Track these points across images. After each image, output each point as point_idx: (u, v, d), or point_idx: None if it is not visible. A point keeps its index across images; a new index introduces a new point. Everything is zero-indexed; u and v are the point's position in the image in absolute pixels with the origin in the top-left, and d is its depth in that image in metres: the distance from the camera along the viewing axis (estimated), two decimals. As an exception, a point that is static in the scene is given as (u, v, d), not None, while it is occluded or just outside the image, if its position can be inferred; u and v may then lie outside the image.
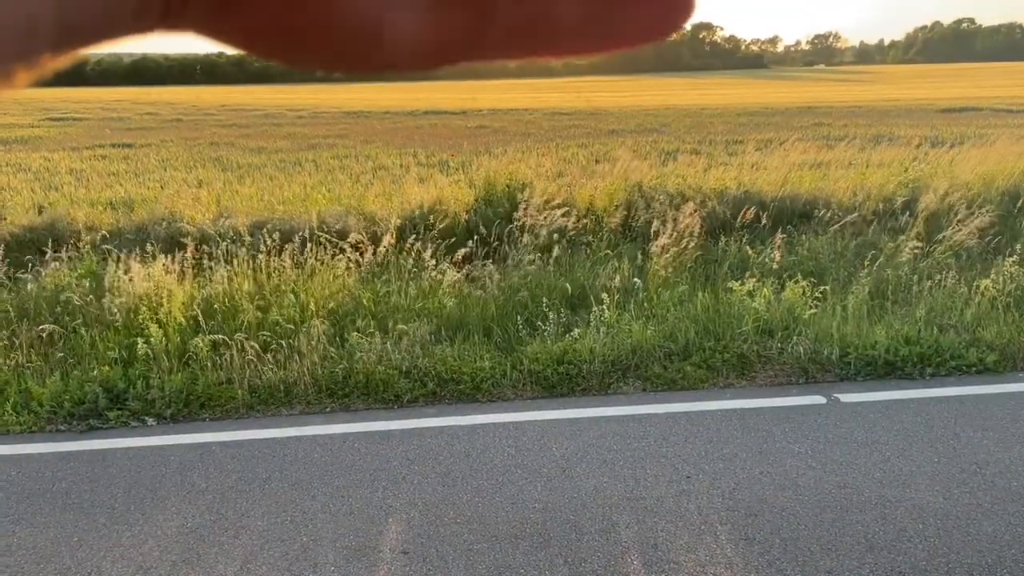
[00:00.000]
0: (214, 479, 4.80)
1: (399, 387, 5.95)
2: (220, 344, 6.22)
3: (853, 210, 9.42)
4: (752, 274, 7.42)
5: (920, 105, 29.42)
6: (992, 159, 11.68)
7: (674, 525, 4.21)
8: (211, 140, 20.12)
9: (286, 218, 9.07)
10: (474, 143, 17.46)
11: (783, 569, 3.85)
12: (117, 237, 8.81)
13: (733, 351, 6.40)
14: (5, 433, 5.47)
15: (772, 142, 16.57)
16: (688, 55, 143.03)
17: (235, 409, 5.76)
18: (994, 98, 31.61)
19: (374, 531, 4.22)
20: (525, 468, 4.84)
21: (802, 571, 3.83)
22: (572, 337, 6.52)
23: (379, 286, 7.29)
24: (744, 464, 4.84)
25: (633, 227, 9.16)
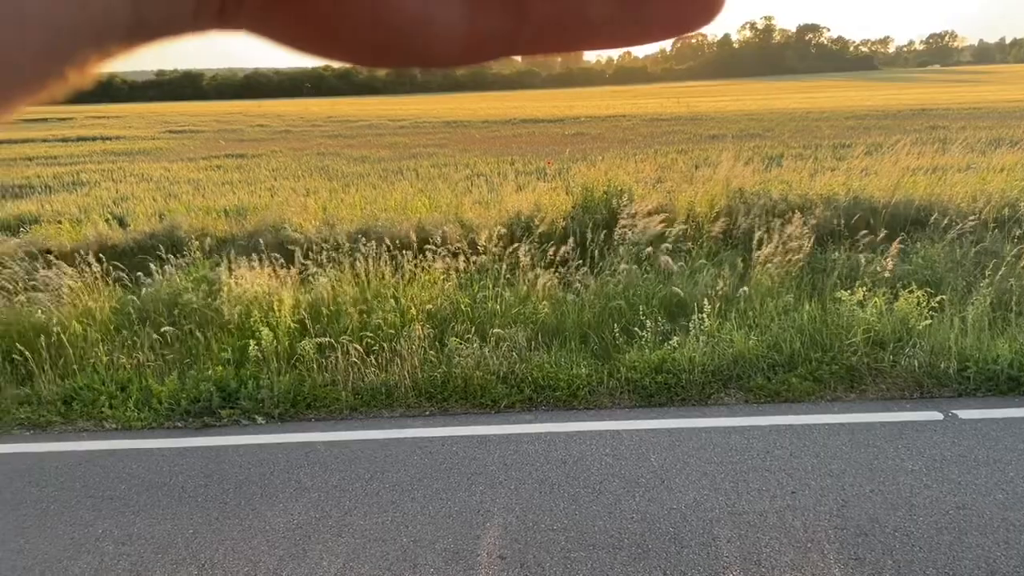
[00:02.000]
0: (319, 478, 4.96)
1: (496, 392, 5.99)
2: (325, 347, 6.42)
3: (972, 216, 8.91)
4: (862, 283, 7.12)
5: (1048, 105, 27.57)
6: None
7: (778, 541, 4.07)
8: (318, 150, 20.86)
9: (388, 225, 9.30)
10: (571, 150, 17.47)
11: (896, 593, 3.66)
12: (230, 243, 9.25)
13: (842, 363, 6.15)
14: (127, 428, 5.81)
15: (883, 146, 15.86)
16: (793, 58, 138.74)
17: (339, 410, 5.94)
18: None
19: (472, 535, 4.26)
20: (623, 477, 4.78)
21: (917, 596, 3.64)
22: (671, 346, 6.41)
23: (476, 291, 7.37)
24: (854, 481, 4.64)
25: (734, 234, 8.95)
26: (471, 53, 0.32)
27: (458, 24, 0.31)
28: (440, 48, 0.31)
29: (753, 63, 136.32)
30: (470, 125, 29.36)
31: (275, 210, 10.45)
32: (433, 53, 0.31)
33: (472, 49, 0.32)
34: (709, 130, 23.03)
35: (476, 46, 0.32)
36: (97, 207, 11.75)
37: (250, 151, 20.84)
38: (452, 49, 0.31)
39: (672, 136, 21.73)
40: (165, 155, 20.74)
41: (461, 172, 14.89)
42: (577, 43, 0.33)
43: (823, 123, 24.13)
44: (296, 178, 14.96)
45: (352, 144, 22.55)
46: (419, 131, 27.43)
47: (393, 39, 0.31)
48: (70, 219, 10.28)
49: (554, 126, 27.80)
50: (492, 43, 0.32)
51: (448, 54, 0.32)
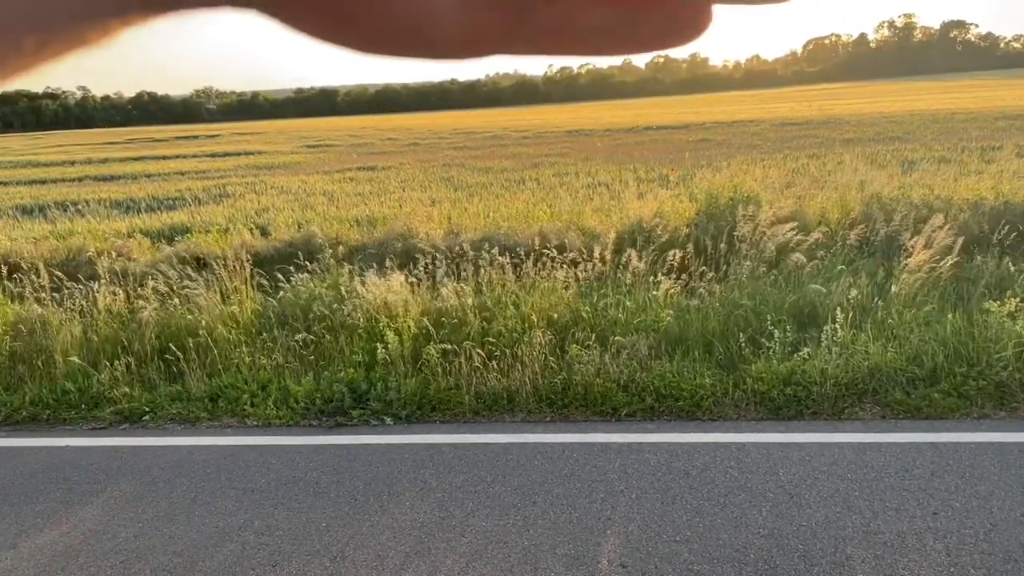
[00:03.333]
0: (443, 478, 5.09)
1: (617, 400, 5.96)
2: (449, 352, 6.59)
3: None
4: (1014, 294, 6.62)
5: None
6: None
7: (918, 564, 3.85)
8: (444, 162, 21.43)
9: (510, 233, 9.44)
10: (696, 157, 17.16)
11: (1053, 627, 3.38)
12: (361, 251, 9.65)
13: (990, 378, 5.74)
14: (267, 425, 6.16)
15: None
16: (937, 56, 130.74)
17: (463, 413, 6.07)
18: None
19: (592, 542, 4.25)
20: (749, 491, 4.65)
21: (1078, 632, 3.35)
22: (801, 357, 6.18)
23: (597, 299, 7.36)
24: (1003, 504, 4.32)
25: (872, 241, 8.52)
26: (469, 47, 0.34)
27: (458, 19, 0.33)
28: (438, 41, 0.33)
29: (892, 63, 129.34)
30: (592, 134, 29.37)
31: (403, 219, 10.81)
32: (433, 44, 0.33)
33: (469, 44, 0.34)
34: (843, 134, 22.06)
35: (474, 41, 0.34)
36: (241, 217, 12.54)
37: (380, 163, 21.67)
38: (450, 43, 0.33)
39: (802, 140, 20.96)
40: (302, 168, 21.88)
41: (582, 180, 14.92)
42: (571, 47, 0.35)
43: (969, 124, 22.60)
44: (423, 189, 15.43)
45: (476, 155, 23.03)
46: (542, 141, 27.67)
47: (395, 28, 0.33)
48: (217, 228, 11.02)
49: (678, 133, 27.39)
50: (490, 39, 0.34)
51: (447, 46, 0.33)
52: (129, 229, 11.98)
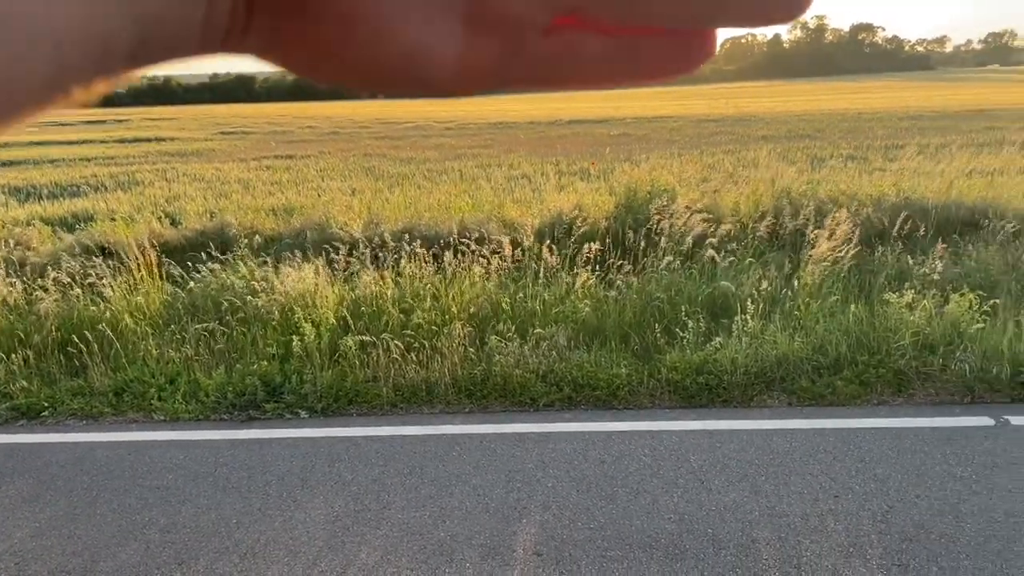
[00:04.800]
0: (359, 471, 5.02)
1: (536, 391, 6.00)
2: (368, 344, 6.50)
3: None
4: (912, 286, 6.95)
5: (1113, 104, 26.59)
6: None
7: (819, 545, 4.00)
8: (365, 152, 21.12)
9: (431, 224, 9.38)
10: (616, 151, 17.41)
11: (941, 600, 3.57)
12: (278, 242, 9.43)
13: (889, 366, 6.02)
14: (175, 420, 5.95)
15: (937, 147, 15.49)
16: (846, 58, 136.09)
17: (380, 406, 6.00)
18: None
19: (508, 531, 4.27)
20: (661, 478, 4.75)
21: (963, 604, 3.55)
22: (713, 346, 6.34)
23: (517, 290, 7.39)
24: (899, 486, 4.54)
25: (780, 235, 8.82)
26: (464, 82, 0.33)
27: (454, 55, 0.32)
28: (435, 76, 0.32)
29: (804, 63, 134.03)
30: (516, 126, 29.43)
31: (321, 209, 10.61)
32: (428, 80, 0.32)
33: (465, 78, 0.33)
34: (757, 131, 22.73)
35: (469, 76, 0.33)
36: (150, 206, 12.08)
37: (299, 152, 21.20)
38: (446, 77, 0.32)
39: (719, 137, 21.50)
40: (217, 156, 21.21)
41: (504, 172, 14.94)
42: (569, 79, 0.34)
43: (875, 124, 23.63)
44: (343, 178, 15.17)
45: (399, 145, 22.79)
46: (465, 133, 27.58)
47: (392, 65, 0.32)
48: (123, 217, 10.58)
49: (599, 127, 27.71)
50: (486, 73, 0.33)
51: (442, 82, 0.32)
52: (28, 217, 11.38)
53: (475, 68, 0.33)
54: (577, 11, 0.32)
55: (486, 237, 8.38)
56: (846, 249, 7.62)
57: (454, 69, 0.32)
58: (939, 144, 16.01)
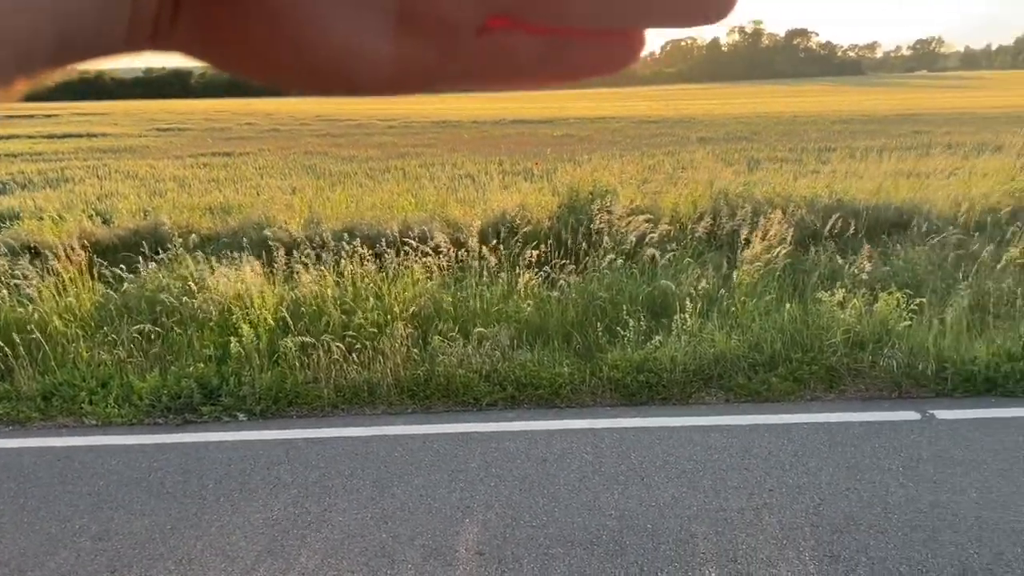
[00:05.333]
0: (299, 474, 4.96)
1: (479, 390, 6.01)
2: (308, 345, 6.42)
3: (954, 220, 9.00)
4: (843, 284, 7.18)
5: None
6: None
7: (754, 539, 4.11)
8: (305, 149, 20.80)
9: (373, 224, 9.30)
10: (559, 151, 17.52)
11: (869, 589, 3.70)
12: (214, 241, 9.23)
13: (822, 363, 6.20)
14: (107, 424, 5.78)
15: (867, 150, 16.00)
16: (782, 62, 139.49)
17: (321, 407, 5.94)
18: (1115, 103, 29.67)
19: (451, 531, 4.27)
20: (602, 475, 4.81)
21: (890, 592, 3.68)
22: (653, 345, 6.44)
23: (460, 290, 7.38)
24: (831, 479, 4.68)
25: (718, 235, 9.00)
26: (398, 84, 0.33)
27: (386, 56, 0.32)
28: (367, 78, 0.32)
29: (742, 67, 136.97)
30: (459, 125, 29.36)
31: (260, 208, 10.42)
32: (360, 81, 0.32)
33: (398, 79, 0.33)
34: (697, 133, 23.13)
35: (402, 77, 0.33)
36: (81, 204, 11.68)
37: (237, 149, 20.77)
38: (379, 79, 0.32)
39: (660, 138, 21.81)
40: (151, 152, 20.63)
41: (448, 171, 14.90)
42: (502, 79, 0.34)
43: (809, 127, 24.27)
44: (282, 176, 14.92)
45: (340, 143, 22.51)
46: (408, 131, 27.40)
47: (322, 65, 0.32)
48: (51, 216, 10.22)
49: (543, 127, 27.84)
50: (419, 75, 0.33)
51: (375, 83, 0.32)
52: (-52, 215, 10.90)
53: (408, 69, 0.33)
54: (508, 12, 0.32)
55: (429, 236, 8.35)
56: (780, 249, 7.83)
57: (386, 70, 0.32)
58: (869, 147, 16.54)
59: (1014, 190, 10.03)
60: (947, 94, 49.96)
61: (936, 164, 13.02)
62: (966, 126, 22.81)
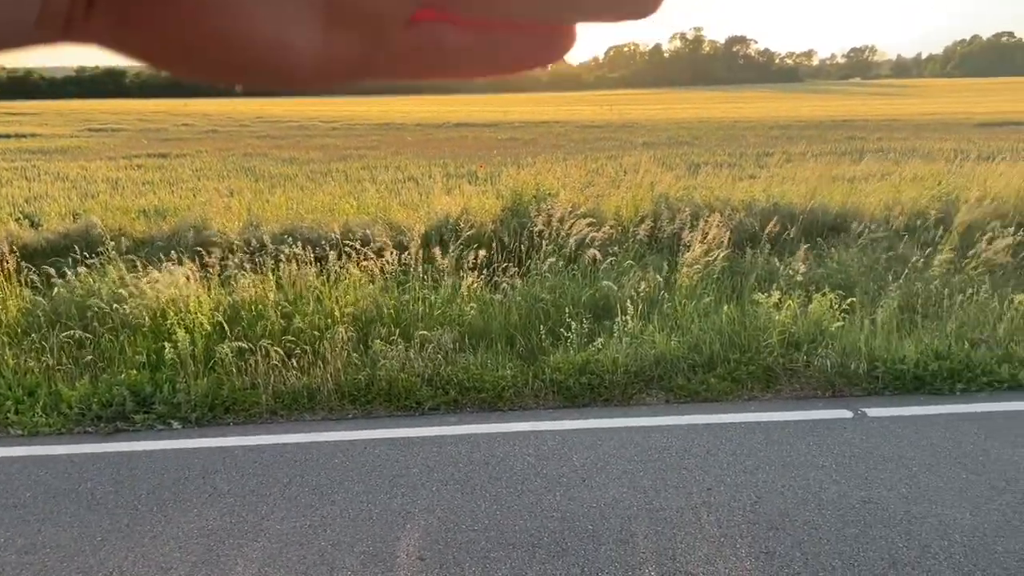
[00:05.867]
0: (236, 483, 4.85)
1: (421, 395, 5.96)
2: (246, 350, 6.29)
3: (885, 224, 9.29)
4: (779, 286, 7.34)
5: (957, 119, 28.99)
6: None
7: (693, 537, 4.16)
8: (245, 151, 20.43)
9: (314, 227, 9.17)
10: (503, 154, 17.56)
11: (804, 584, 3.78)
12: (149, 244, 8.98)
13: (759, 363, 6.33)
14: (35, 434, 5.57)
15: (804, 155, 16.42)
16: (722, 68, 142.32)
17: (259, 414, 5.82)
18: (1034, 112, 31.03)
19: (391, 537, 4.22)
20: (544, 477, 4.82)
21: (823, 586, 3.76)
22: (595, 347, 6.49)
23: (402, 293, 7.33)
24: (767, 477, 4.77)
25: (659, 238, 9.12)
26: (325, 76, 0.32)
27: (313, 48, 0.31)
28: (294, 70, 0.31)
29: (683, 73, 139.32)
30: (403, 128, 29.21)
31: (196, 211, 10.18)
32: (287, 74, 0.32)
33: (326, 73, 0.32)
34: (640, 137, 23.43)
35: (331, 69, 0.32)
36: (8, 206, 11.25)
37: (173, 151, 20.28)
38: (306, 71, 0.32)
39: (603, 142, 22.04)
40: (83, 153, 20.00)
41: (391, 174, 14.80)
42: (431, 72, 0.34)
43: (748, 132, 24.82)
44: (220, 178, 14.61)
45: (281, 145, 22.17)
46: (351, 133, 27.14)
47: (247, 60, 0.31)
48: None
49: (488, 130, 27.88)
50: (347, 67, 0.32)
51: (302, 76, 0.32)
52: None
53: (335, 62, 0.32)
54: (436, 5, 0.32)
55: (371, 240, 8.27)
56: (719, 252, 7.97)
57: (313, 63, 0.31)
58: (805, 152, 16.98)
59: (941, 195, 10.40)
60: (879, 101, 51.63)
61: (869, 169, 13.43)
62: (897, 132, 23.62)
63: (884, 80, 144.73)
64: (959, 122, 27.39)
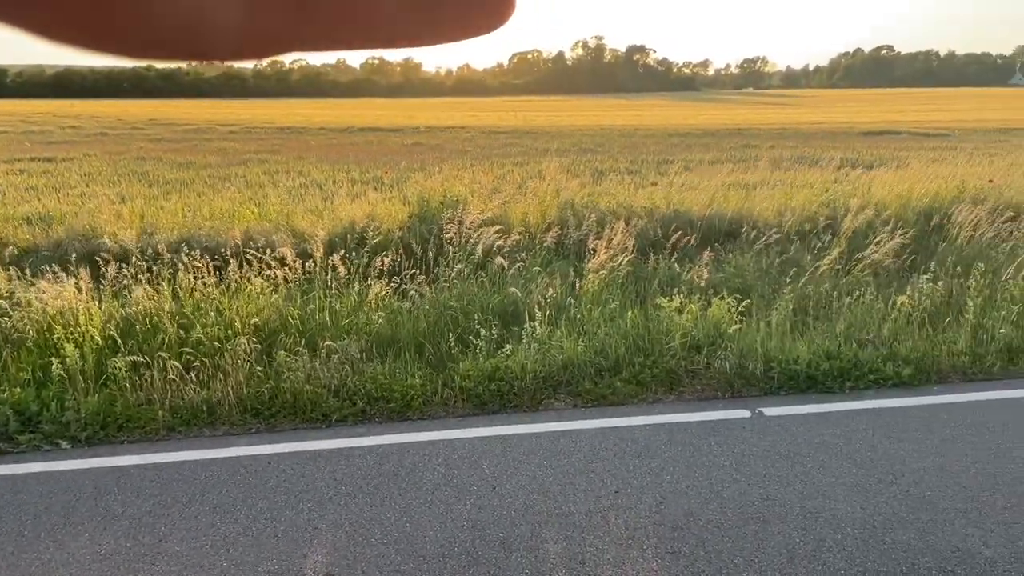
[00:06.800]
0: (131, 504, 4.63)
1: (328, 406, 5.85)
2: (140, 364, 6.02)
3: (778, 229, 9.70)
4: (680, 291, 7.56)
5: (843, 128, 30.59)
6: (908, 180, 12.22)
7: (601, 540, 4.23)
8: (137, 155, 19.58)
9: (212, 234, 8.87)
10: (410, 160, 17.44)
11: (707, 581, 3.90)
12: (34, 253, 8.49)
13: (662, 366, 6.49)
14: (-96, 460, 5.17)
15: (702, 163, 16.99)
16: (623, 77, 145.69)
17: (155, 431, 5.57)
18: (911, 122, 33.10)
19: (298, 554, 4.12)
20: (454, 486, 4.80)
21: (726, 582, 3.89)
22: (504, 353, 6.52)
23: (307, 302, 7.17)
24: (671, 478, 4.90)
25: (566, 244, 9.25)
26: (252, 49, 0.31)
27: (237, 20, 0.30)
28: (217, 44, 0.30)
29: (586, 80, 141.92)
30: (306, 132, 28.62)
31: (86, 218, 9.69)
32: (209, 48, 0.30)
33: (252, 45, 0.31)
34: (545, 144, 23.69)
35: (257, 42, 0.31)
36: None
37: (60, 154, 19.23)
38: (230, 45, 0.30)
39: (509, 149, 22.19)
40: (-42, 157, 18.72)
41: (294, 180, 14.46)
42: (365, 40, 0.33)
43: (649, 140, 25.48)
44: (111, 184, 13.96)
45: (177, 149, 21.36)
46: (251, 137, 26.40)
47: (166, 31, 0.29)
48: None
49: (393, 135, 27.64)
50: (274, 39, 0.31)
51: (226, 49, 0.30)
52: None
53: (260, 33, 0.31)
54: None
55: (273, 248, 8.06)
56: (623, 258, 8.15)
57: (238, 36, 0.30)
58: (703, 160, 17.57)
59: (829, 201, 10.95)
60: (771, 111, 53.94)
61: (762, 176, 14.01)
62: (788, 140, 24.72)
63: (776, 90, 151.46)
64: (844, 131, 28.92)
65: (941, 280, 7.98)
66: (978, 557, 4.08)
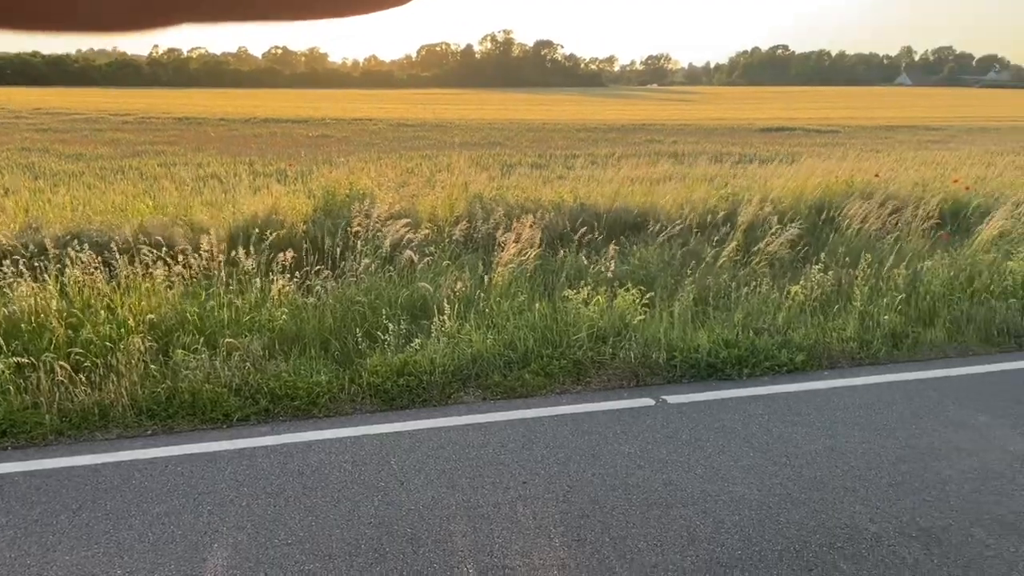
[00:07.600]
0: (16, 513, 4.37)
1: (228, 405, 5.67)
2: (25, 366, 5.69)
3: (679, 222, 9.97)
4: (587, 283, 7.67)
5: (741, 124, 31.68)
6: (802, 175, 12.76)
7: (509, 531, 4.26)
8: (22, 145, 18.49)
9: (103, 229, 8.46)
10: (315, 152, 17.11)
11: (612, 567, 3.98)
12: (-98, 250, 7.89)
13: (569, 358, 6.58)
14: None
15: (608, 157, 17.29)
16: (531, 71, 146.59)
17: (42, 435, 5.28)
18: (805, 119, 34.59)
19: (197, 558, 3.98)
20: (362, 483, 4.74)
21: (630, 568, 3.98)
22: (413, 348, 6.47)
23: (205, 299, 6.93)
24: (578, 467, 4.98)
25: (475, 238, 9.25)
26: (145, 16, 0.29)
27: None
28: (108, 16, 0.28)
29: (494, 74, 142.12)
30: (205, 123, 27.63)
31: (-38, 211, 9.08)
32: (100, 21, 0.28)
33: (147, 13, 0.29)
34: (453, 137, 23.64)
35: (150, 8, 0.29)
36: None
37: (-67, 143, 17.96)
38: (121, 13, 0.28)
39: (417, 142, 22.03)
40: None
41: (192, 172, 13.95)
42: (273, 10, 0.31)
43: (556, 134, 25.76)
44: (-8, 175, 13.13)
45: (65, 139, 20.27)
46: (146, 127, 25.31)
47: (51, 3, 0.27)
48: None
49: (297, 127, 27.01)
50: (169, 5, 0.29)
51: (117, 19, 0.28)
52: None
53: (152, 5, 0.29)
54: None
55: (170, 242, 7.75)
56: (532, 251, 8.21)
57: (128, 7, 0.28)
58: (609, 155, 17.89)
59: (728, 195, 11.32)
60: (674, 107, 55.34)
61: (665, 170, 14.37)
62: (690, 136, 25.44)
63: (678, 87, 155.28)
64: (743, 127, 29.97)
65: (832, 270, 8.37)
66: (865, 533, 4.30)
